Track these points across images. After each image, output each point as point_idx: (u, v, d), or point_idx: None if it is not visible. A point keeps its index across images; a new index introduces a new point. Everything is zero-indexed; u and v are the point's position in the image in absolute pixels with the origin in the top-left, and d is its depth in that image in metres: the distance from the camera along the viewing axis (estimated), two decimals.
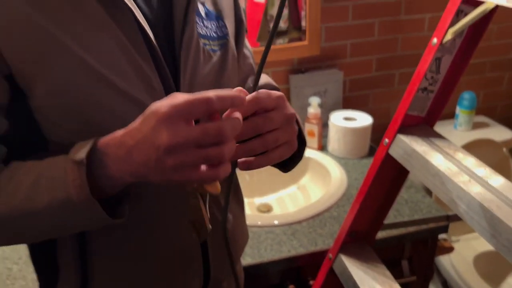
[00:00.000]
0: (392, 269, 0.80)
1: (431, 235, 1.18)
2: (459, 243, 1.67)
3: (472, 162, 0.64)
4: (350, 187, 1.31)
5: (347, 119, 1.48)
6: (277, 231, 1.13)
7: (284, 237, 1.11)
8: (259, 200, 1.40)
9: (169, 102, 0.44)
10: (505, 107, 1.92)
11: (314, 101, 1.47)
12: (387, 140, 0.73)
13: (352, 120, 1.47)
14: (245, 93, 0.49)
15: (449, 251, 1.28)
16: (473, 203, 0.58)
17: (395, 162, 0.72)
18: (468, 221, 0.60)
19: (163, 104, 0.44)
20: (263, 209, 1.34)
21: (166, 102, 0.44)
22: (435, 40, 0.65)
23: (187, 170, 0.45)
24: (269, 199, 1.41)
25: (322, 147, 1.52)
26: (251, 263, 1.03)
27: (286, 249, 1.07)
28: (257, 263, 1.03)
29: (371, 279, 0.77)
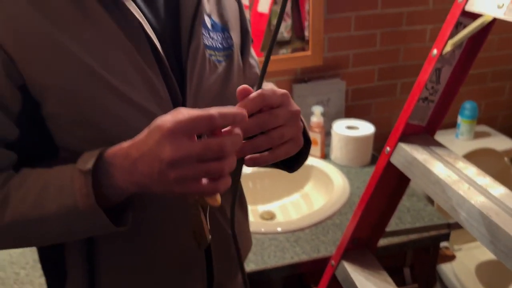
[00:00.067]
0: (394, 276, 0.80)
1: (432, 243, 1.18)
2: (461, 252, 1.67)
3: (471, 171, 0.65)
4: (352, 195, 1.31)
5: (349, 128, 1.49)
6: (280, 238, 1.14)
7: (287, 244, 1.11)
8: (262, 208, 1.40)
9: (174, 118, 0.46)
10: (506, 117, 1.92)
11: (317, 110, 1.48)
12: (388, 148, 0.74)
13: (354, 129, 1.48)
14: (250, 90, 0.50)
15: (451, 259, 1.28)
16: (472, 210, 0.59)
17: (397, 170, 0.73)
18: (468, 228, 0.61)
19: (167, 119, 0.46)
20: (266, 217, 1.35)
21: (170, 118, 0.46)
22: (435, 51, 0.67)
23: (188, 183, 0.47)
24: (272, 206, 1.41)
25: (325, 156, 1.53)
26: (254, 269, 1.04)
27: (289, 255, 1.07)
28: (261, 269, 1.04)
29: (373, 286, 0.77)
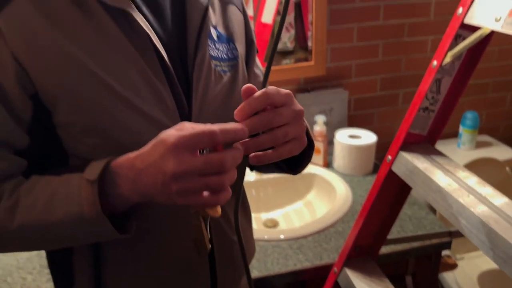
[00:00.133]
0: (396, 284, 0.80)
1: (434, 251, 1.19)
2: (463, 261, 1.67)
3: (471, 179, 0.67)
4: (355, 203, 1.33)
5: (352, 137, 1.50)
6: (283, 245, 1.15)
7: (290, 251, 1.12)
8: (265, 216, 1.42)
9: (178, 133, 0.48)
10: (507, 127, 1.94)
11: (320, 119, 1.50)
12: (390, 157, 0.75)
13: (357, 138, 1.49)
14: (254, 89, 0.52)
15: (453, 267, 1.29)
16: (471, 217, 0.60)
17: (398, 178, 0.75)
18: (467, 235, 0.62)
19: (172, 134, 0.48)
20: (270, 224, 1.36)
21: (175, 132, 0.48)
22: (435, 62, 0.68)
23: (190, 195, 0.49)
24: (275, 214, 1.43)
25: (328, 164, 1.54)
26: (258, 276, 1.05)
27: (292, 262, 1.08)
28: (264, 276, 1.05)
29: None
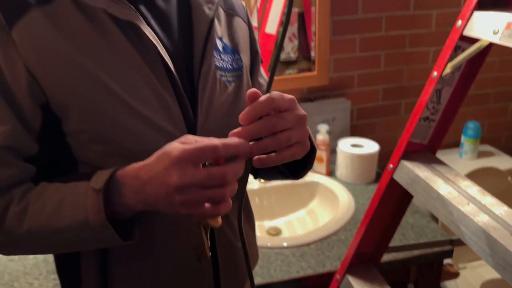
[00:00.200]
0: None
1: (436, 259, 1.20)
2: (466, 270, 1.67)
3: (471, 187, 0.68)
4: (357, 211, 1.34)
5: (354, 146, 1.51)
6: (286, 253, 1.16)
7: (293, 259, 1.13)
8: (268, 223, 1.43)
9: (182, 146, 0.50)
10: (509, 136, 1.95)
11: (323, 128, 1.52)
12: (391, 165, 0.77)
13: (359, 147, 1.51)
14: (259, 94, 0.53)
15: (455, 276, 1.29)
16: (471, 225, 0.61)
17: (399, 186, 0.76)
18: (467, 242, 0.63)
19: (176, 147, 0.50)
20: (273, 232, 1.37)
21: (179, 146, 0.50)
22: (435, 73, 0.70)
23: (192, 206, 0.51)
24: (278, 222, 1.44)
25: (331, 173, 1.55)
26: (261, 283, 1.06)
27: (295, 270, 1.09)
28: (267, 283, 1.06)
29: None
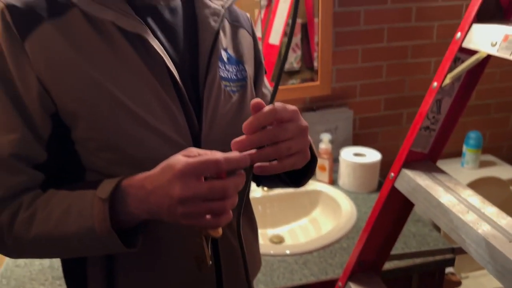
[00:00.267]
0: None
1: (438, 267, 1.20)
2: (468, 280, 1.67)
3: (471, 196, 0.69)
4: (359, 220, 1.35)
5: (357, 155, 1.53)
6: (289, 260, 1.17)
7: (295, 266, 1.14)
8: (271, 232, 1.44)
9: (185, 159, 0.52)
10: (511, 146, 1.96)
11: (325, 137, 1.53)
12: (393, 174, 0.78)
13: (361, 156, 1.52)
14: (263, 104, 0.55)
15: (457, 285, 1.30)
16: (471, 232, 0.63)
17: (401, 195, 0.77)
18: (467, 249, 0.64)
19: (179, 160, 0.52)
20: (275, 240, 1.38)
21: (182, 158, 0.52)
22: (435, 84, 0.72)
23: (194, 218, 0.53)
24: (281, 230, 1.45)
25: (333, 182, 1.57)
26: None
27: (298, 277, 1.10)
28: None
29: None
